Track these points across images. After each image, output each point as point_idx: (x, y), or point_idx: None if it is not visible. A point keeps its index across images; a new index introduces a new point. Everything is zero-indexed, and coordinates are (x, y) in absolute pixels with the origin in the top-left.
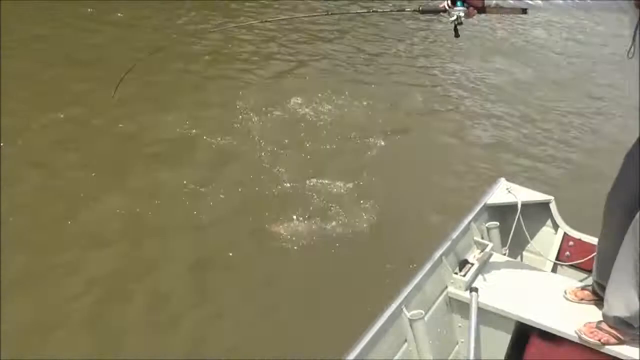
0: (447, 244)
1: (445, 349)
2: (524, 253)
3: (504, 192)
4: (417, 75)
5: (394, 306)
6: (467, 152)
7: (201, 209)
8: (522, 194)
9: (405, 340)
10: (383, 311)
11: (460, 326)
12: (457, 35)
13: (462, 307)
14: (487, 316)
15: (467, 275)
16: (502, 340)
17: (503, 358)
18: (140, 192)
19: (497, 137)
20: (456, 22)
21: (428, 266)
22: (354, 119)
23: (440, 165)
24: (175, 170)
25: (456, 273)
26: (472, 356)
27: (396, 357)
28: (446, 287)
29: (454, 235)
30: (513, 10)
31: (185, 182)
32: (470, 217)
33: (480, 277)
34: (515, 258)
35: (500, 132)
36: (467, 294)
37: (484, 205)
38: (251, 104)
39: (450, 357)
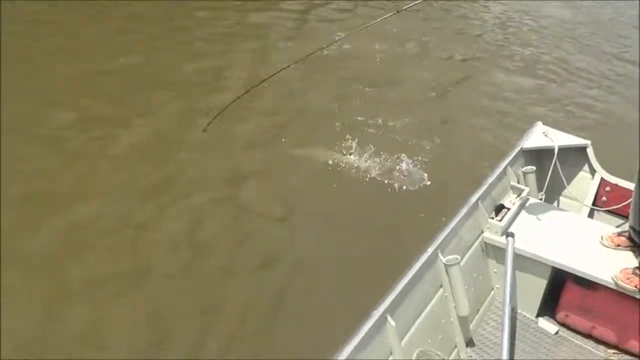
0: (483, 188)
1: (480, 294)
2: (561, 198)
3: (540, 136)
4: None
5: (429, 251)
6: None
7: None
8: (559, 138)
9: (441, 286)
10: (418, 256)
11: (495, 272)
12: None
13: (497, 253)
14: (523, 262)
15: (503, 220)
16: (538, 286)
17: (539, 304)
18: None
19: (538, 81)
20: None
21: (464, 211)
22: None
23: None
24: None
25: (492, 218)
26: (507, 302)
27: (432, 303)
28: (482, 232)
29: (490, 179)
30: None
31: None
32: (506, 162)
33: (516, 222)
34: (552, 203)
35: (542, 76)
36: (503, 239)
37: (520, 150)
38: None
39: (486, 303)
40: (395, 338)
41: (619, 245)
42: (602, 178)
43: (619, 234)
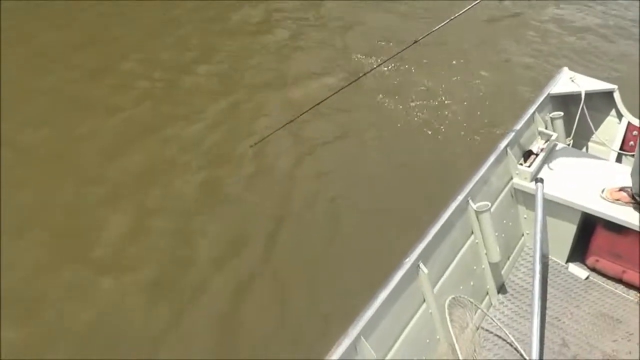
0: (511, 134)
1: (511, 241)
2: (589, 143)
3: (567, 81)
4: None
5: (459, 198)
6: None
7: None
8: (586, 83)
9: (472, 233)
10: (449, 204)
11: (525, 218)
12: None
13: (527, 199)
14: (553, 207)
15: (532, 166)
16: (567, 232)
17: (569, 249)
18: None
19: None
20: None
21: (493, 158)
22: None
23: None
24: None
25: (521, 164)
26: (538, 248)
27: (463, 250)
28: (511, 178)
29: (518, 126)
30: None
31: None
32: (533, 108)
33: (545, 167)
34: (580, 148)
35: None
36: (532, 185)
37: (547, 95)
38: None
39: (516, 249)
40: (427, 285)
41: (617, 200)
42: (629, 122)
43: (621, 189)
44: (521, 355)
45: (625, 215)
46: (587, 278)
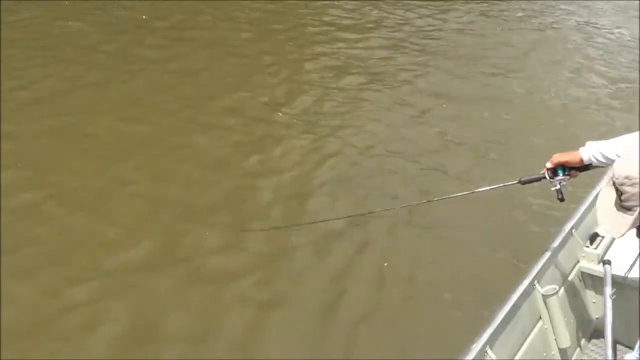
0: (577, 216)
1: (580, 326)
2: None
3: None
4: None
5: (525, 282)
6: None
7: None
8: None
9: (540, 317)
10: (515, 287)
11: (594, 302)
12: (561, 200)
13: (595, 282)
14: (623, 290)
15: (598, 248)
16: None
17: None
18: None
19: None
20: (558, 193)
21: (558, 240)
22: None
23: None
24: None
25: (587, 246)
26: (609, 334)
27: (531, 335)
28: (578, 261)
29: (583, 207)
30: None
31: None
32: (599, 187)
33: (613, 247)
34: None
35: None
36: (600, 267)
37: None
38: None
39: (587, 335)
40: None
41: None
42: None
43: None
44: None
45: None
46: None
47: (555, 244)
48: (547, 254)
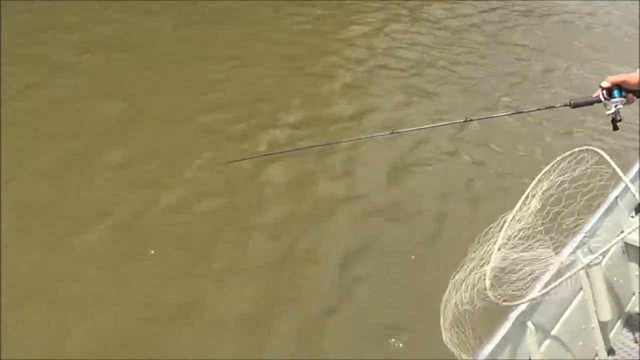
0: (622, 185)
1: (622, 299)
2: None
3: None
4: None
5: (567, 251)
6: None
7: None
8: None
9: (581, 289)
10: (557, 255)
11: (637, 275)
12: (615, 128)
13: (639, 254)
14: None
15: None
16: None
17: None
18: None
19: None
20: (614, 116)
21: (602, 209)
22: None
23: None
24: None
25: (632, 217)
26: None
27: (571, 307)
28: (622, 232)
29: (630, 175)
30: None
31: None
32: None
33: None
34: None
35: None
36: None
37: None
38: None
39: (627, 308)
40: (533, 343)
41: None
42: None
43: None
44: None
45: None
46: None
47: (599, 213)
48: (591, 223)
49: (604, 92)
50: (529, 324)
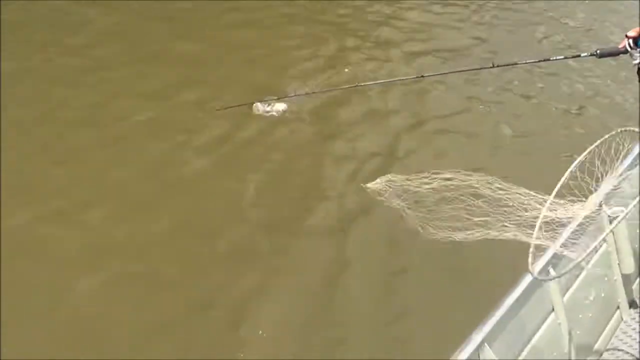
0: None
1: None
2: None
3: None
4: None
5: (593, 203)
6: None
7: None
8: None
9: (605, 240)
10: (581, 206)
11: None
12: None
13: None
14: None
15: None
16: None
17: None
18: None
19: None
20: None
21: (628, 161)
22: None
23: None
24: None
25: None
26: None
27: (595, 258)
28: None
29: None
30: None
31: None
32: None
33: None
34: None
35: None
36: None
37: None
38: None
39: None
40: (556, 293)
41: None
42: None
43: None
44: None
45: None
46: None
47: (624, 165)
48: (615, 175)
49: (630, 41)
50: (552, 271)
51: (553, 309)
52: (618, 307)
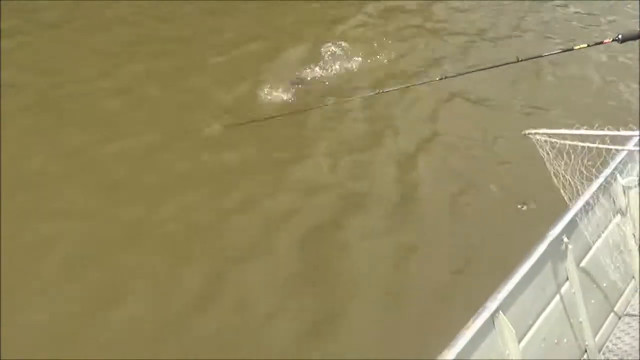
0: None
1: None
2: None
3: None
4: None
5: (607, 172)
6: None
7: None
8: None
9: (619, 210)
10: (596, 176)
11: None
12: None
13: None
14: None
15: None
16: None
17: None
18: None
19: None
20: None
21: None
22: None
23: None
24: None
25: None
26: None
27: (609, 228)
28: None
29: None
30: None
31: None
32: None
33: None
34: None
35: None
36: None
37: None
38: None
39: None
40: (572, 261)
41: None
42: None
43: None
44: None
45: None
46: None
47: (637, 136)
48: (630, 144)
49: None
50: (566, 240)
51: (567, 278)
52: (633, 277)
